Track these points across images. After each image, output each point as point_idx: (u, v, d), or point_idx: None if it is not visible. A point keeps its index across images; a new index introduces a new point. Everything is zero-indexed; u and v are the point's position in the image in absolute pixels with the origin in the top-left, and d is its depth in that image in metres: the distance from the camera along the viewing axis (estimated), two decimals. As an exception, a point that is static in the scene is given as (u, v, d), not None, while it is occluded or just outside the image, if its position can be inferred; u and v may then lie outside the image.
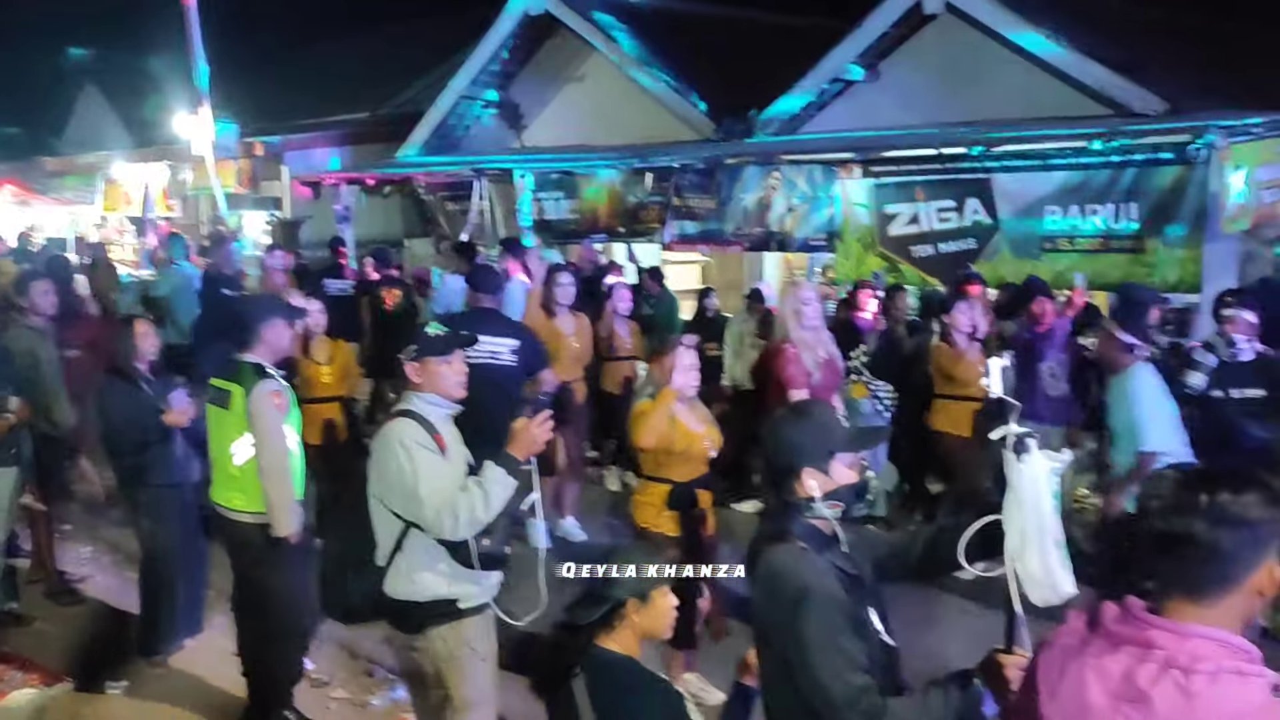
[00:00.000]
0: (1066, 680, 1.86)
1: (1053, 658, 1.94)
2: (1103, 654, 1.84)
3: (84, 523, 7.97)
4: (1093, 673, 1.83)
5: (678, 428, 4.90)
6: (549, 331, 7.42)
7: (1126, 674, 1.78)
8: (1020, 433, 2.49)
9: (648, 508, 4.98)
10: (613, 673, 2.92)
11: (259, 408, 4.70)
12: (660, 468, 4.98)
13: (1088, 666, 1.84)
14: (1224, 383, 6.20)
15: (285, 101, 18.27)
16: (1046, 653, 1.97)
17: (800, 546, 2.64)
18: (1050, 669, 1.92)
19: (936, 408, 7.02)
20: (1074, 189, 8.52)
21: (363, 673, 5.72)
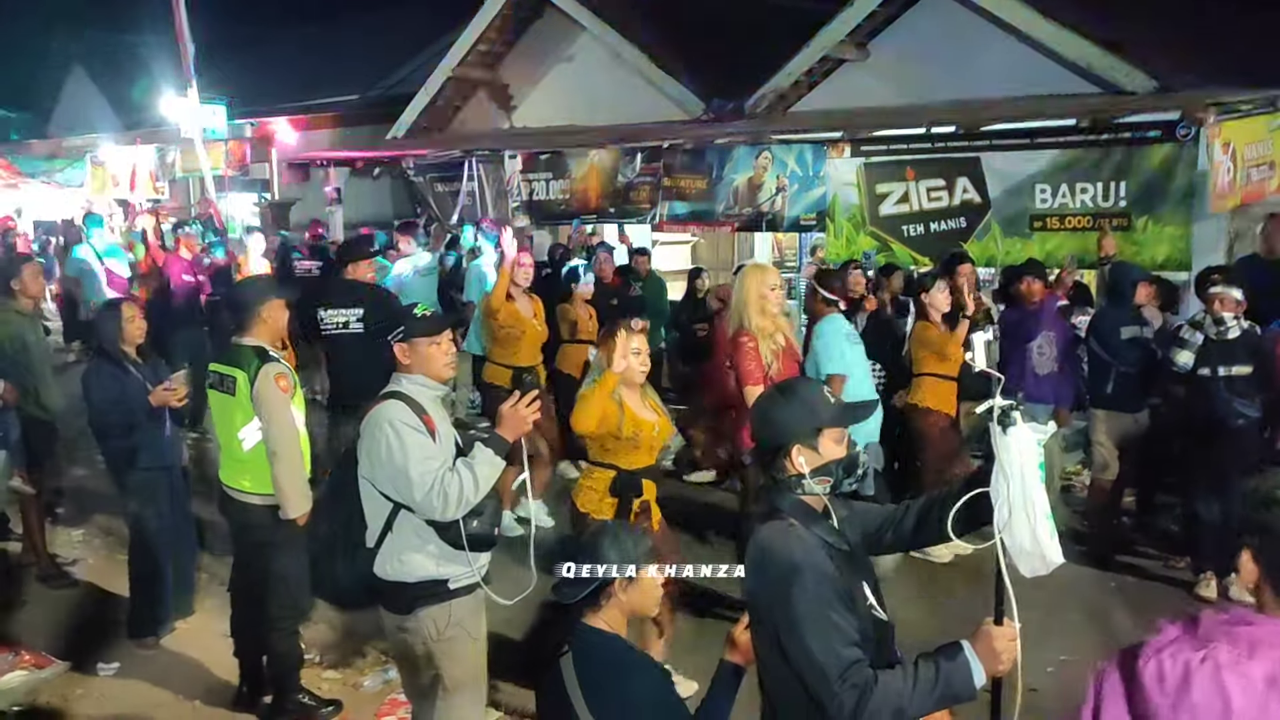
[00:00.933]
0: (1198, 689, 1.82)
1: (1162, 668, 1.89)
2: (1238, 660, 1.81)
3: (75, 506, 7.97)
4: (1232, 677, 1.80)
5: (625, 413, 4.73)
6: (509, 315, 7.34)
7: (1272, 678, 1.77)
8: (1004, 405, 2.51)
9: (590, 493, 4.81)
10: (600, 650, 2.94)
11: (265, 391, 4.70)
12: (606, 453, 4.81)
13: (1225, 672, 1.81)
14: (1212, 360, 6.23)
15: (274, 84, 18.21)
16: (1151, 667, 1.91)
17: (790, 523, 2.65)
18: (1165, 679, 1.87)
19: (916, 385, 7.02)
20: (1063, 167, 8.54)
21: (354, 653, 5.73)
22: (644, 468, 4.85)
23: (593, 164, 11.34)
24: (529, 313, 7.47)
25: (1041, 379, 7.15)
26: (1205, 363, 6.25)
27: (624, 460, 4.79)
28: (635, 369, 4.78)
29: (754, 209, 10.24)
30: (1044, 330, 7.13)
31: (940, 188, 9.14)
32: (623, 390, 4.77)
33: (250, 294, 5.03)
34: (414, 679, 3.87)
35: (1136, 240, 8.14)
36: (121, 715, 5.17)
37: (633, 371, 4.78)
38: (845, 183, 9.60)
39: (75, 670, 5.59)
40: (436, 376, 3.80)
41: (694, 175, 10.62)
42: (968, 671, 2.46)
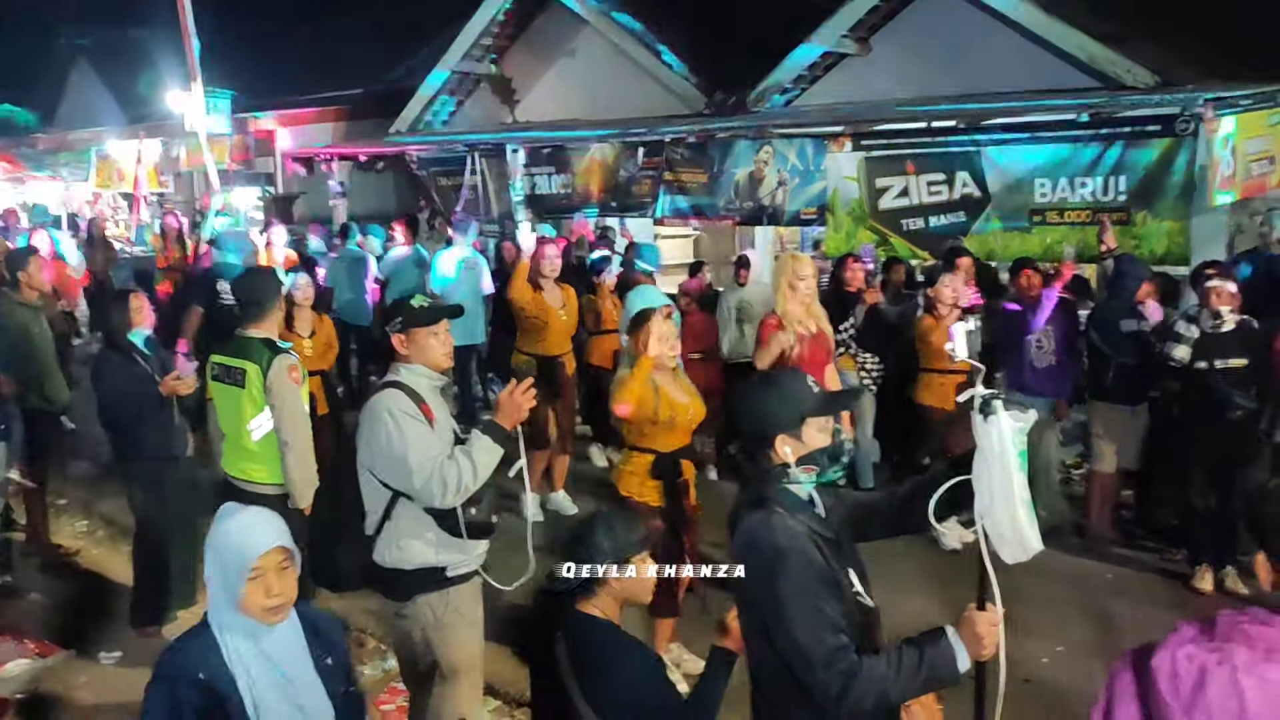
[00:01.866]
0: (1213, 690, 1.80)
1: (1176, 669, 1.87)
2: (1255, 663, 1.80)
3: (78, 496, 8.02)
4: (1249, 681, 1.78)
5: (662, 397, 4.92)
6: (536, 305, 7.43)
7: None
8: (986, 394, 2.54)
9: (631, 478, 5.00)
10: (592, 636, 2.97)
11: (280, 383, 4.76)
12: (644, 438, 5.00)
13: (1241, 675, 1.79)
14: (1208, 353, 6.26)
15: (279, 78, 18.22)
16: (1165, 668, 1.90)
17: (776, 512, 2.68)
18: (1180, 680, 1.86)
19: (921, 381, 7.06)
20: (1063, 161, 8.54)
21: (354, 641, 5.77)
22: (681, 448, 5.05)
23: (594, 158, 11.36)
24: (557, 303, 7.54)
25: (1041, 372, 7.19)
26: (1201, 356, 6.27)
27: (661, 443, 4.98)
28: (666, 354, 5.00)
29: (755, 203, 10.26)
30: (1043, 324, 7.15)
31: (940, 181, 9.15)
32: (657, 375, 4.97)
33: (261, 287, 5.07)
34: (412, 665, 3.91)
35: (1135, 234, 8.14)
36: (123, 703, 5.19)
37: (664, 356, 4.99)
38: (846, 177, 9.61)
39: (78, 658, 5.64)
40: (434, 366, 3.84)
41: (695, 169, 10.63)
42: (951, 656, 2.50)
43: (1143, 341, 6.80)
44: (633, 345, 5.07)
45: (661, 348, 4.94)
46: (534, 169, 11.88)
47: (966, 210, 9.02)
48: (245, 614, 2.53)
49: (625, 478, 5.04)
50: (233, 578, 2.52)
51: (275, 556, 2.57)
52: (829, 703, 2.50)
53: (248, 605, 2.53)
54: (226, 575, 2.52)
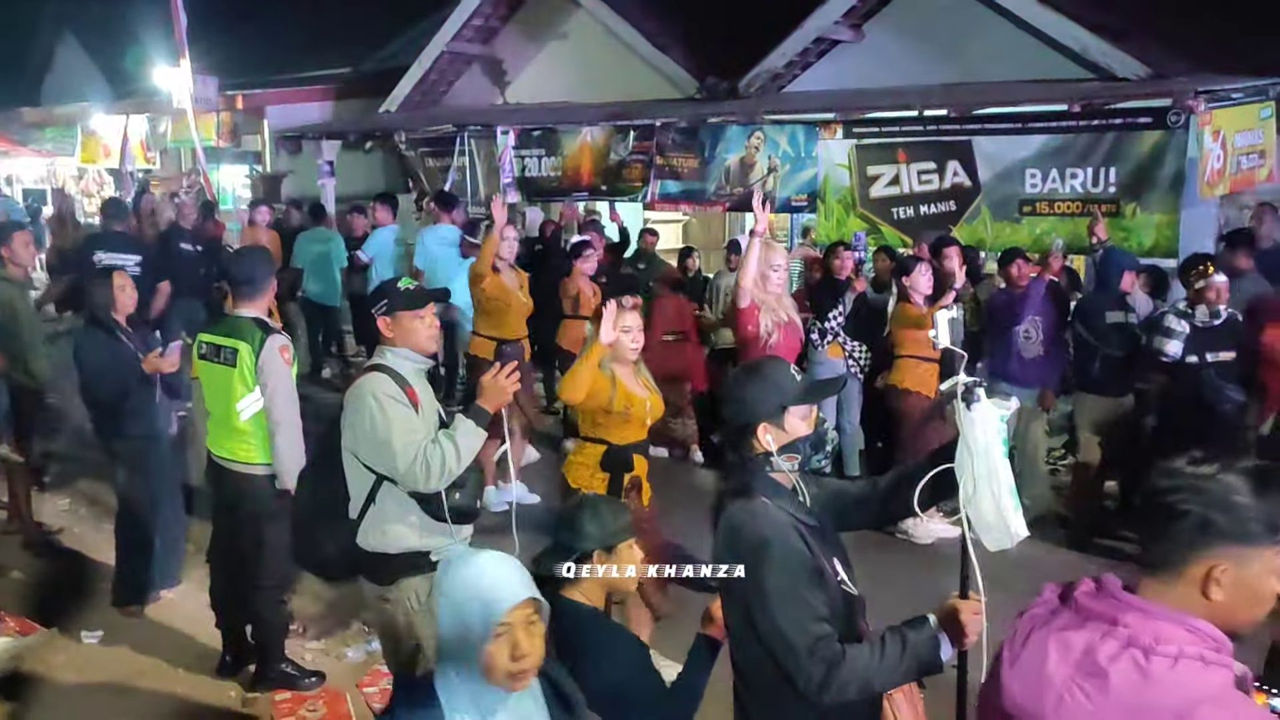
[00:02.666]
0: (1029, 649, 1.87)
1: (1021, 626, 1.94)
2: (1068, 627, 1.84)
3: (62, 474, 7.98)
4: (1055, 644, 1.83)
5: (618, 388, 4.75)
6: (495, 286, 7.37)
7: (1088, 648, 1.78)
8: (968, 382, 2.54)
9: (581, 468, 4.83)
10: (576, 623, 2.96)
11: (271, 363, 4.73)
12: (596, 428, 4.83)
13: (1051, 638, 1.84)
14: (1199, 348, 6.28)
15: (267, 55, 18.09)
16: (1017, 621, 1.97)
17: (760, 500, 2.68)
18: (1016, 637, 1.93)
19: (897, 367, 7.07)
20: (1054, 152, 8.56)
21: (338, 625, 5.76)
22: (635, 443, 4.88)
23: (585, 141, 11.32)
24: (515, 285, 7.50)
25: (1028, 362, 7.22)
26: (1192, 350, 6.30)
27: (615, 435, 4.82)
28: (625, 345, 4.79)
29: (745, 189, 10.23)
30: (1031, 314, 7.17)
31: (931, 171, 9.15)
32: (615, 366, 4.79)
33: (254, 267, 5.03)
34: (395, 649, 3.89)
35: (1125, 226, 8.16)
36: (105, 682, 5.21)
37: (623, 348, 4.78)
38: (837, 164, 9.61)
39: (59, 637, 5.62)
40: (419, 349, 3.82)
41: (686, 154, 10.60)
42: (934, 644, 2.51)
43: (1128, 333, 6.82)
44: (593, 331, 4.90)
45: (617, 337, 4.74)
46: (524, 151, 11.84)
47: (957, 200, 9.03)
48: (486, 679, 2.13)
49: (574, 468, 4.87)
50: (475, 636, 2.11)
51: (524, 610, 2.15)
52: (812, 691, 2.50)
53: (490, 669, 2.12)
54: (467, 633, 2.11)
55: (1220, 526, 1.74)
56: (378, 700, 4.93)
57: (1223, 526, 1.74)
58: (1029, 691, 1.83)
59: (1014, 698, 1.87)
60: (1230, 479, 1.76)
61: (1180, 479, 1.79)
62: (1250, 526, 1.73)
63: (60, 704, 5.03)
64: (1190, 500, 1.76)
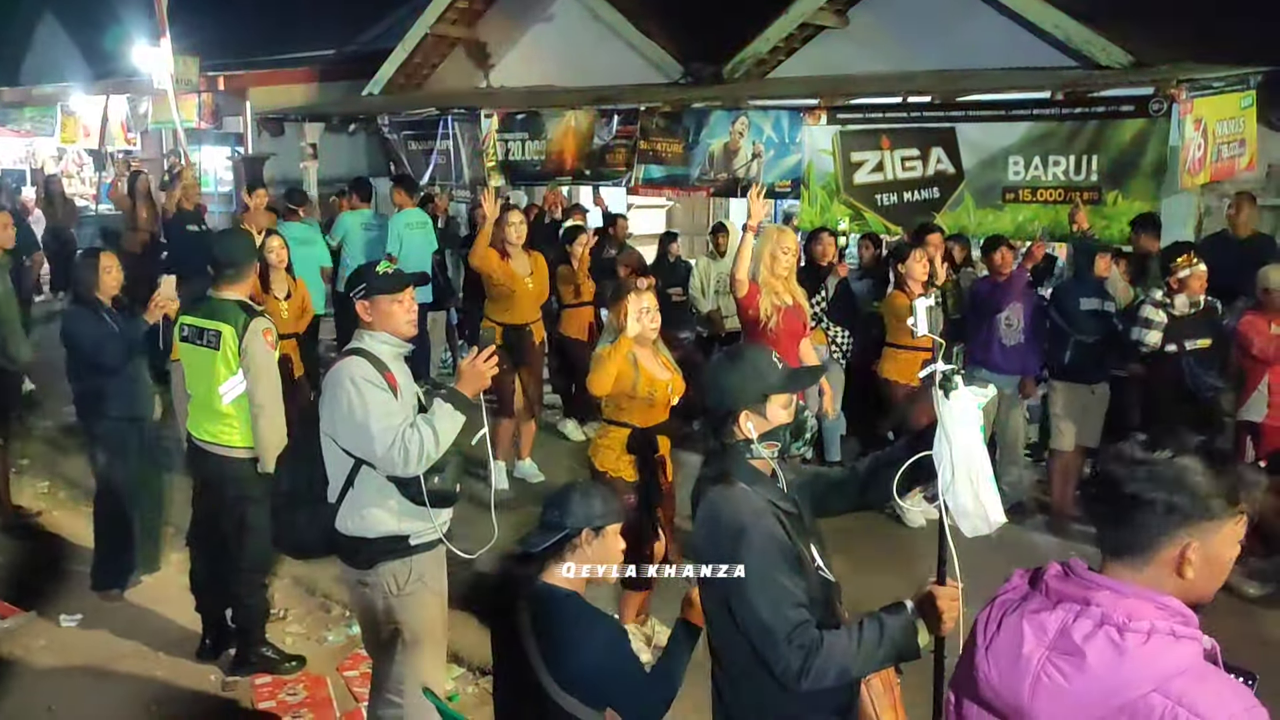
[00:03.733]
0: (1004, 632, 1.90)
1: (993, 611, 1.97)
2: (1041, 609, 1.87)
3: (41, 457, 7.94)
4: (1029, 625, 1.86)
5: (641, 372, 4.92)
6: (504, 273, 7.35)
7: (1062, 628, 1.81)
8: (946, 369, 2.55)
9: (607, 452, 5.01)
10: (555, 606, 2.97)
11: (254, 346, 4.73)
12: (621, 412, 5.01)
13: (1025, 619, 1.87)
14: (1177, 336, 6.32)
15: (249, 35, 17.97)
16: (988, 606, 1.99)
17: (740, 487, 2.69)
18: (989, 621, 1.95)
19: (886, 355, 7.09)
20: (1037, 140, 8.55)
21: (318, 608, 5.77)
22: (658, 424, 5.05)
23: (569, 125, 11.28)
24: (524, 270, 7.46)
25: (1009, 349, 7.23)
26: (1171, 339, 6.33)
27: (639, 418, 4.99)
28: (647, 328, 4.98)
29: (729, 174, 10.22)
30: (1012, 301, 7.19)
31: (915, 158, 9.14)
32: (636, 349, 4.94)
33: (236, 249, 5.00)
34: (374, 633, 3.90)
35: (1106, 214, 8.18)
36: (84, 666, 5.20)
37: (645, 330, 4.97)
38: (821, 150, 9.59)
39: (38, 621, 5.61)
40: (398, 333, 3.81)
41: (670, 139, 10.57)
42: (912, 630, 2.52)
43: (1104, 320, 6.85)
44: (612, 319, 5.06)
45: (641, 322, 4.93)
46: (507, 135, 11.79)
47: (940, 186, 9.03)
48: None
49: (601, 452, 5.05)
50: None
51: None
52: (789, 677, 2.51)
53: None
54: None
55: (1185, 509, 1.79)
56: (358, 684, 4.94)
57: (1188, 509, 1.79)
58: (1005, 675, 1.86)
59: (990, 682, 1.90)
60: (1185, 461, 1.80)
61: (1138, 468, 1.82)
62: (1212, 504, 1.79)
63: (39, 687, 5.02)
64: (1153, 488, 1.80)
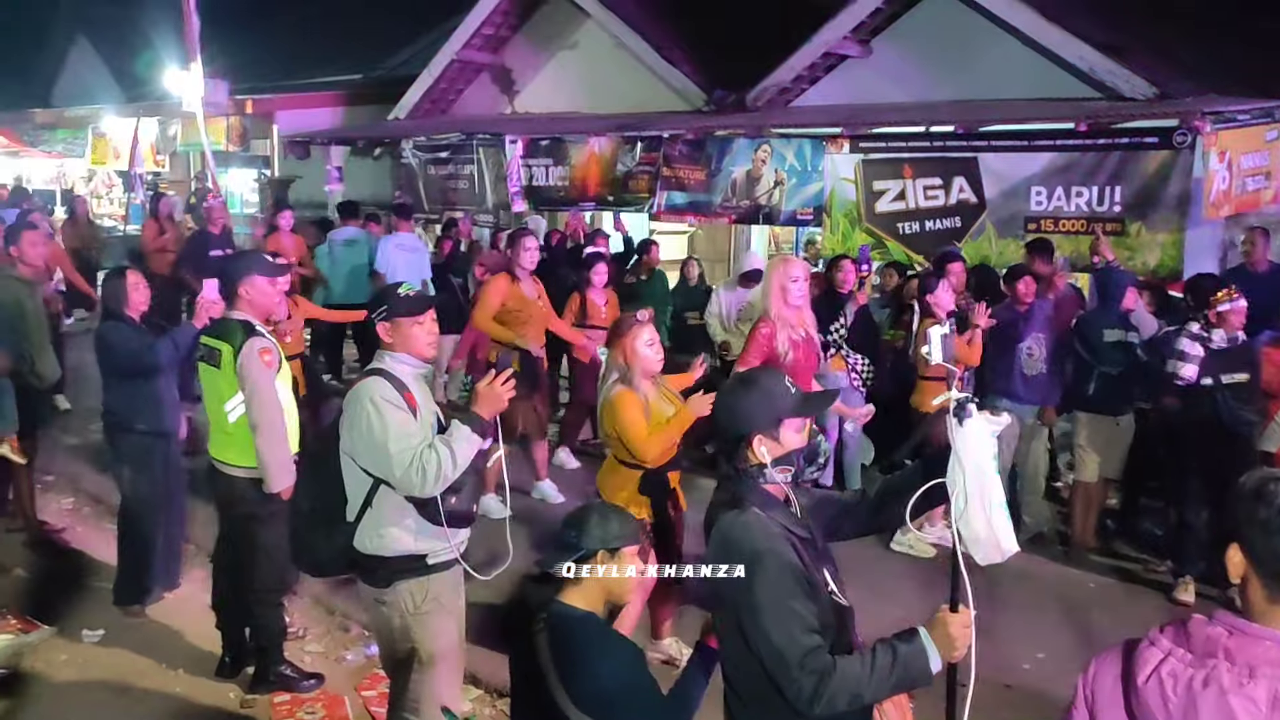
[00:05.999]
0: (1205, 713, 1.79)
1: (1163, 688, 1.86)
2: (1240, 682, 1.79)
3: (66, 475, 8.01)
4: (1238, 702, 1.78)
5: (651, 412, 4.80)
6: (514, 297, 7.32)
7: (1276, 699, 1.76)
8: (960, 397, 2.55)
9: (618, 493, 4.83)
10: (572, 626, 2.98)
11: (249, 365, 4.75)
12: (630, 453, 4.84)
13: (1230, 696, 1.78)
14: (1214, 370, 6.27)
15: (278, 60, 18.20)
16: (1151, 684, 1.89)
17: (753, 512, 2.69)
18: (1169, 701, 1.84)
19: (920, 389, 7.04)
20: (1060, 170, 8.57)
21: (338, 628, 5.79)
22: (668, 462, 4.92)
23: (593, 152, 11.37)
24: (534, 295, 7.50)
25: (1030, 380, 7.21)
26: (1208, 373, 6.28)
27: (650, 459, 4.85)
28: (651, 360, 4.85)
29: (751, 201, 10.28)
30: (1034, 332, 7.18)
31: (937, 186, 9.17)
32: (645, 387, 4.84)
33: (232, 270, 5.07)
34: (391, 652, 3.91)
35: (1129, 245, 8.17)
36: (104, 681, 5.23)
37: (650, 362, 4.84)
38: (843, 178, 9.63)
39: (60, 636, 5.65)
40: (419, 355, 3.84)
41: (693, 166, 10.65)
42: (924, 657, 2.51)
43: (1128, 351, 6.83)
44: (616, 357, 4.90)
45: (645, 361, 4.81)
46: (531, 160, 11.88)
47: (962, 216, 9.05)
48: None
49: (614, 493, 4.84)
50: None
51: None
52: (802, 703, 2.51)
53: None
54: None
55: None
56: (376, 703, 4.96)
57: None
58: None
59: None
60: None
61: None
62: None
63: (60, 702, 5.06)
64: None
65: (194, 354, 5.31)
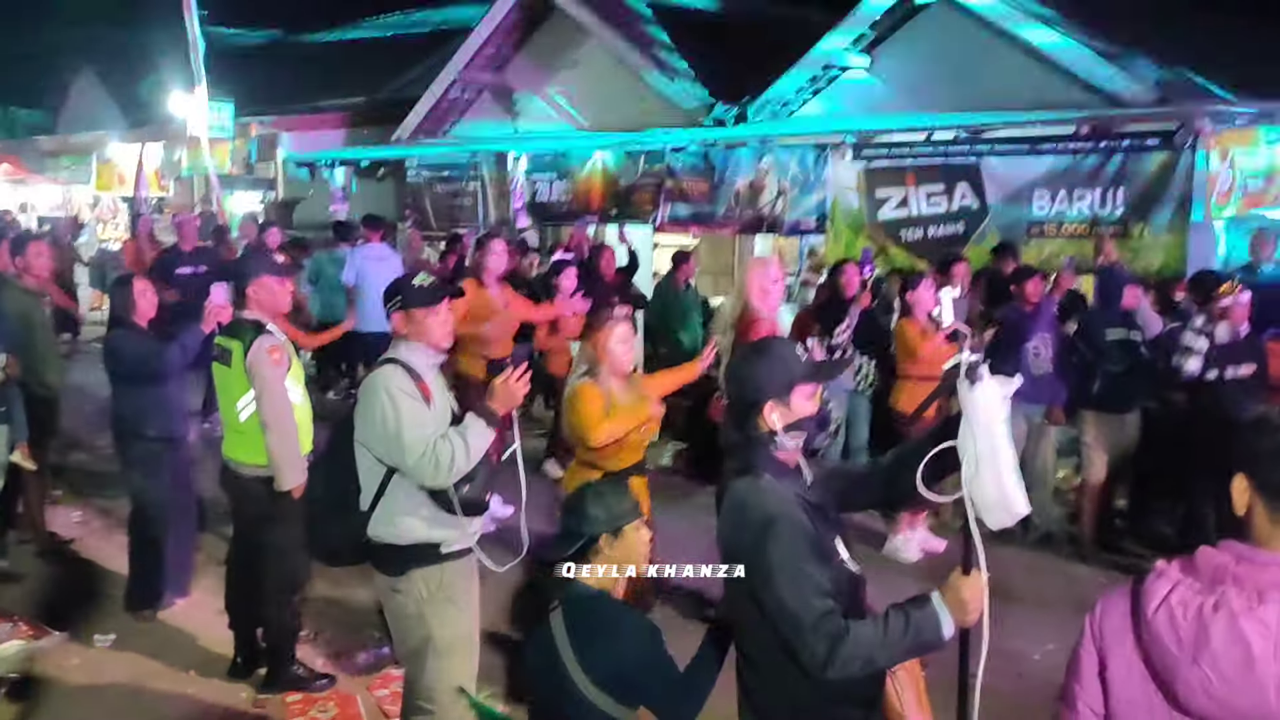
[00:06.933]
0: (1217, 639, 1.82)
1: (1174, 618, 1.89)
2: (1251, 606, 1.82)
3: (75, 485, 8.03)
4: (1250, 624, 1.80)
5: (614, 410, 4.78)
6: (480, 302, 7.21)
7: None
8: (972, 360, 2.55)
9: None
10: (589, 605, 2.99)
11: (257, 363, 4.79)
12: (591, 453, 4.84)
13: (1241, 620, 1.81)
14: (1219, 363, 6.30)
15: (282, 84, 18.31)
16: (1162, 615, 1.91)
17: (766, 478, 2.70)
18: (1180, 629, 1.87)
19: (898, 387, 7.06)
20: (1062, 174, 8.61)
21: (350, 628, 5.78)
22: (631, 466, 4.91)
23: (596, 166, 11.43)
24: (502, 301, 7.43)
25: (1038, 380, 7.21)
26: (1213, 366, 6.31)
27: (611, 462, 4.84)
28: (620, 358, 4.83)
29: (755, 212, 10.31)
30: (1040, 331, 7.20)
31: (939, 193, 9.21)
32: (611, 383, 4.82)
33: (241, 271, 5.13)
34: (405, 640, 3.92)
35: (1132, 247, 8.20)
36: (116, 684, 5.23)
37: (619, 361, 4.83)
38: (845, 187, 9.68)
39: (71, 641, 5.66)
40: (434, 345, 3.87)
41: (696, 178, 10.69)
42: (936, 621, 2.51)
43: (1131, 350, 6.84)
44: (588, 351, 4.90)
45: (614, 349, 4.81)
46: (535, 175, 11.94)
47: (965, 221, 9.09)
48: None
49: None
50: None
51: None
52: (816, 667, 2.51)
53: None
54: None
55: None
56: (389, 702, 4.96)
57: None
58: (1236, 688, 1.81)
59: (1213, 697, 1.84)
60: None
61: None
62: None
63: (73, 705, 5.06)
64: None
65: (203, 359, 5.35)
